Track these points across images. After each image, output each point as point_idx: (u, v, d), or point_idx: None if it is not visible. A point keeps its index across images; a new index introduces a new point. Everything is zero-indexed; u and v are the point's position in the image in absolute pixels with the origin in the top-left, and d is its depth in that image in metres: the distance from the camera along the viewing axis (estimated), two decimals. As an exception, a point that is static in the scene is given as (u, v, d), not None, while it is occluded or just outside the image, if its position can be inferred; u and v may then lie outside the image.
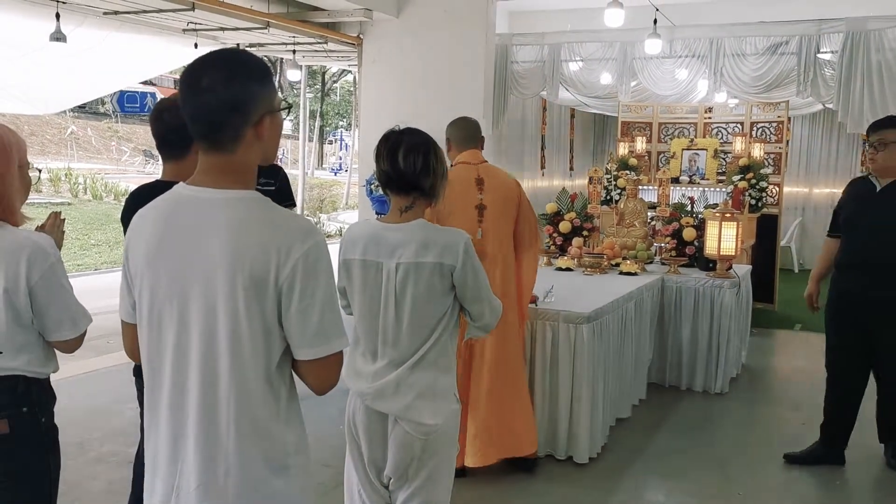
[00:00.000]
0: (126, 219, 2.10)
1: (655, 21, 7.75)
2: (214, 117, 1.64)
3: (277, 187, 3.95)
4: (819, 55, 7.90)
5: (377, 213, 7.45)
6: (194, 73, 1.67)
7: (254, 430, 1.68)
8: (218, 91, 1.63)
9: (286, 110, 1.76)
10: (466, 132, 4.17)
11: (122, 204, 2.86)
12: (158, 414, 1.74)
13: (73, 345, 2.37)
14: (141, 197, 2.51)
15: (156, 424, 1.75)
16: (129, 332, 1.83)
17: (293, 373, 1.76)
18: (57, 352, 2.40)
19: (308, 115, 36.91)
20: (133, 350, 1.83)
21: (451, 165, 4.05)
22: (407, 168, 2.51)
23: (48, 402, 2.39)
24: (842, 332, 4.39)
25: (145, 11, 7.27)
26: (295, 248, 1.63)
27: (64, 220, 2.65)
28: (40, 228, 2.52)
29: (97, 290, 7.80)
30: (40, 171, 2.41)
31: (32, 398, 2.32)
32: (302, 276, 1.63)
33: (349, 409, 2.64)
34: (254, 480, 1.69)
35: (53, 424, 2.41)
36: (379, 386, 2.54)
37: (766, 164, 8.86)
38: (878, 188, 4.24)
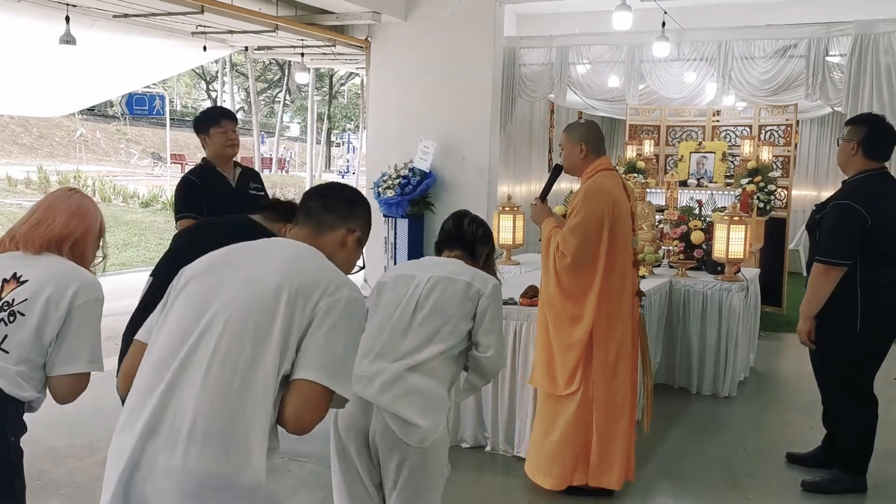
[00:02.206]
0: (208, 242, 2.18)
1: (664, 24, 7.74)
2: (332, 202, 2.07)
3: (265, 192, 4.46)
4: (828, 58, 7.88)
5: (384, 216, 7.46)
6: (337, 182, 2.26)
7: (244, 426, 1.71)
8: (347, 193, 2.14)
9: (361, 266, 2.18)
10: (600, 136, 4.02)
11: (140, 205, 2.94)
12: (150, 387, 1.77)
13: (75, 384, 2.38)
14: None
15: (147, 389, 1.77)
16: (139, 353, 1.88)
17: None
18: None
19: (316, 117, 37.00)
20: (131, 371, 1.86)
21: (591, 171, 3.90)
22: (468, 230, 2.93)
23: (19, 427, 2.37)
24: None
25: (154, 14, 7.29)
26: (343, 289, 1.83)
27: None
28: None
29: (105, 292, 7.74)
30: (105, 256, 2.68)
31: (7, 416, 2.30)
32: (340, 312, 1.79)
33: (335, 412, 2.62)
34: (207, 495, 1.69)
35: (19, 448, 2.39)
36: (369, 374, 2.54)
37: (775, 167, 8.84)
38: None
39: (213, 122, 4.32)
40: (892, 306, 4.02)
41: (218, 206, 3.97)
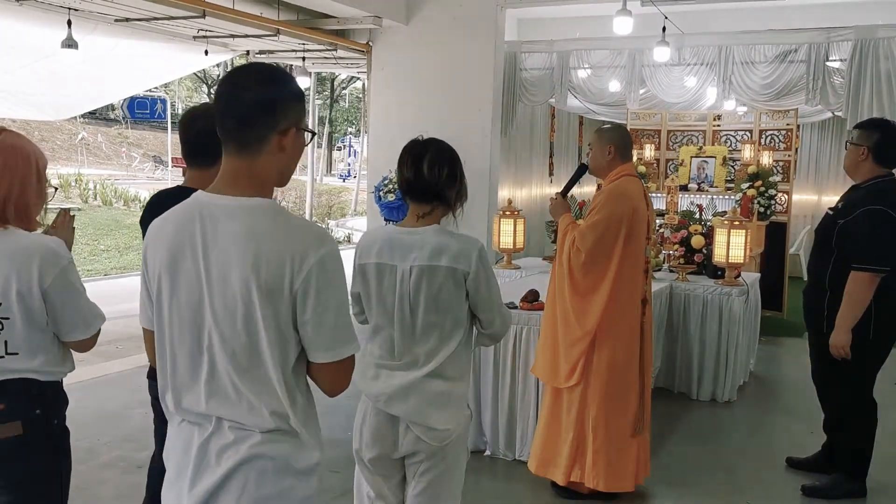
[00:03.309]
0: (145, 223, 2.15)
1: (664, 29, 7.75)
2: (246, 112, 1.70)
3: None
4: (828, 63, 7.88)
5: (385, 220, 7.46)
6: (235, 73, 1.77)
7: (276, 426, 1.74)
8: (254, 89, 1.71)
9: (311, 136, 1.82)
10: (629, 142, 4.03)
11: (141, 208, 2.92)
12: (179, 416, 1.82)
13: (87, 344, 2.41)
14: (161, 202, 2.55)
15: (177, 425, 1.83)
16: (152, 339, 1.87)
17: (307, 378, 1.82)
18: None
19: (317, 121, 37.00)
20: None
21: (615, 175, 3.91)
22: (431, 177, 2.57)
23: (61, 405, 2.43)
24: (810, 343, 4.39)
25: (156, 18, 7.30)
26: (310, 254, 1.68)
27: (73, 216, 2.68)
28: (51, 228, 2.55)
29: (107, 295, 7.81)
30: (56, 188, 2.49)
31: (46, 401, 2.35)
32: (317, 283, 1.68)
33: (359, 415, 2.65)
34: (272, 479, 1.75)
35: (65, 427, 2.45)
36: (392, 389, 2.55)
37: (775, 171, 8.84)
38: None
39: None
40: None
41: None
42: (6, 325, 2.27)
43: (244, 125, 1.70)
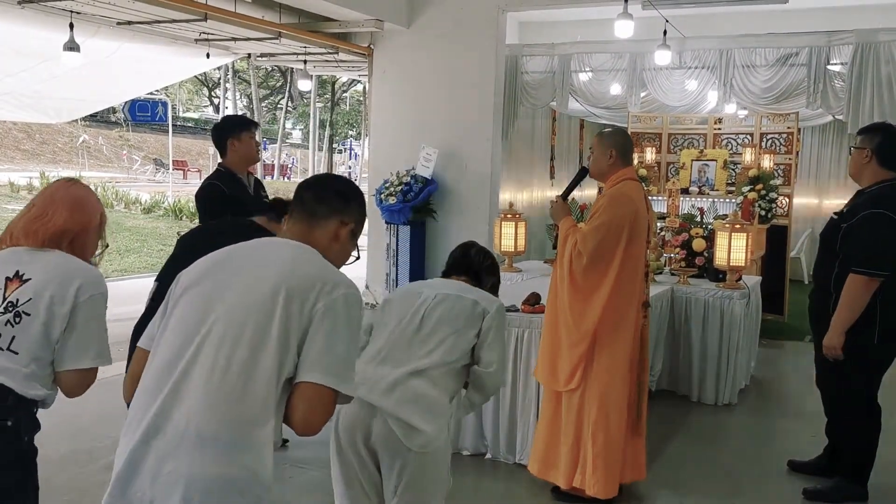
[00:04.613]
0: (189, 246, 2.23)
1: (665, 32, 7.75)
2: (325, 194, 2.06)
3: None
4: (829, 67, 7.89)
5: (386, 223, 7.47)
6: (326, 174, 2.27)
7: (248, 429, 1.72)
8: (339, 184, 2.14)
9: (356, 258, 2.13)
10: (630, 147, 4.05)
11: (142, 211, 2.95)
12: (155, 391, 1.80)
13: (84, 378, 2.39)
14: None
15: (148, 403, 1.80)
16: (141, 360, 1.91)
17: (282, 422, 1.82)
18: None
19: (318, 124, 37.06)
20: (135, 378, 1.89)
21: (617, 179, 3.92)
22: (476, 259, 3.02)
23: (33, 426, 2.38)
24: (815, 347, 4.36)
25: (158, 22, 7.32)
26: (341, 286, 1.84)
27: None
28: None
29: (109, 298, 7.73)
30: (107, 245, 2.66)
31: (19, 414, 2.31)
32: (339, 311, 1.79)
33: (335, 416, 2.65)
34: (227, 481, 1.72)
35: (34, 447, 2.40)
36: (375, 378, 2.59)
37: (776, 174, 8.84)
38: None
39: (244, 127, 4.48)
40: None
41: (242, 212, 3.98)
42: (24, 321, 2.27)
43: (319, 200, 2.03)
